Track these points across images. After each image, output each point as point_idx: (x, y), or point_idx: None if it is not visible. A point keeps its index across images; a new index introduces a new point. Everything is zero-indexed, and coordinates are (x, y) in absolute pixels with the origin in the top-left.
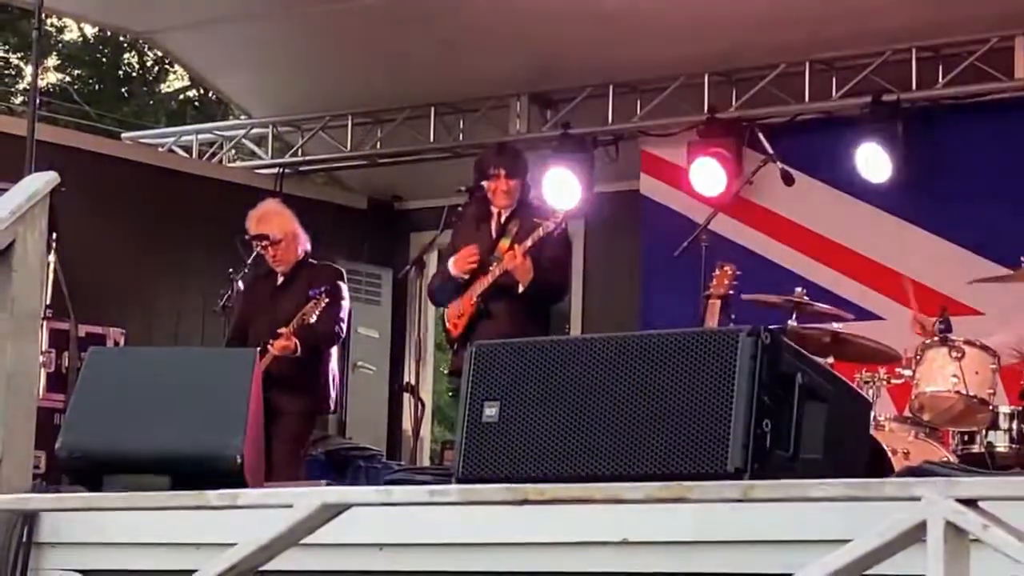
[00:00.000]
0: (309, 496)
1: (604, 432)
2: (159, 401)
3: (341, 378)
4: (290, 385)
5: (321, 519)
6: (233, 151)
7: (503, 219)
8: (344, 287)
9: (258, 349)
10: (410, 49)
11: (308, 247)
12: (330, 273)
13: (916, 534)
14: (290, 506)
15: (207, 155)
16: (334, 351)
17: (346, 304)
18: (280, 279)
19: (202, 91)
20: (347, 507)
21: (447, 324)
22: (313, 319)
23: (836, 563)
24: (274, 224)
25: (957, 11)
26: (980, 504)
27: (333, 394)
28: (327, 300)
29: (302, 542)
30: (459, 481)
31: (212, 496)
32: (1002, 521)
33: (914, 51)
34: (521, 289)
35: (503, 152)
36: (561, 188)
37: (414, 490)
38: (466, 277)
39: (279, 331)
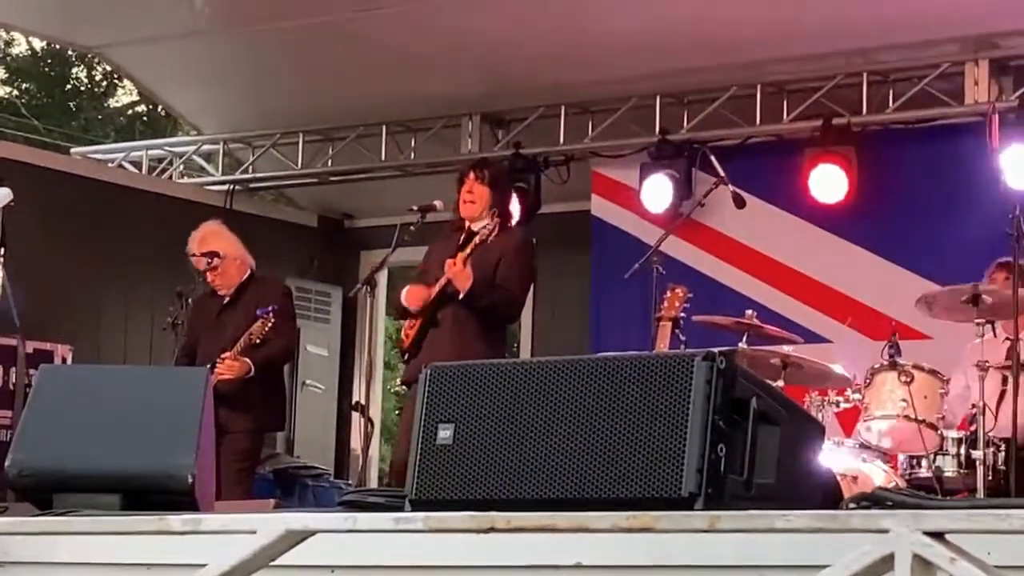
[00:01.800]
0: (272, 522)
1: (558, 455)
2: (110, 419)
3: (289, 396)
4: (239, 403)
5: (284, 546)
6: (183, 167)
7: (470, 232)
8: (291, 302)
9: (208, 367)
10: (362, 67)
11: (252, 265)
12: (277, 289)
13: (883, 567)
14: (253, 532)
15: (157, 171)
16: (280, 369)
17: (294, 319)
18: (226, 298)
19: (152, 106)
20: (311, 534)
21: (402, 335)
22: (259, 340)
23: None
24: (217, 244)
25: (908, 36)
26: (947, 537)
27: (283, 411)
28: (274, 320)
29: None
30: (413, 503)
31: (175, 521)
32: (969, 554)
33: (865, 75)
34: (461, 296)
35: (485, 161)
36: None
37: (379, 517)
38: (413, 311)
39: (223, 355)
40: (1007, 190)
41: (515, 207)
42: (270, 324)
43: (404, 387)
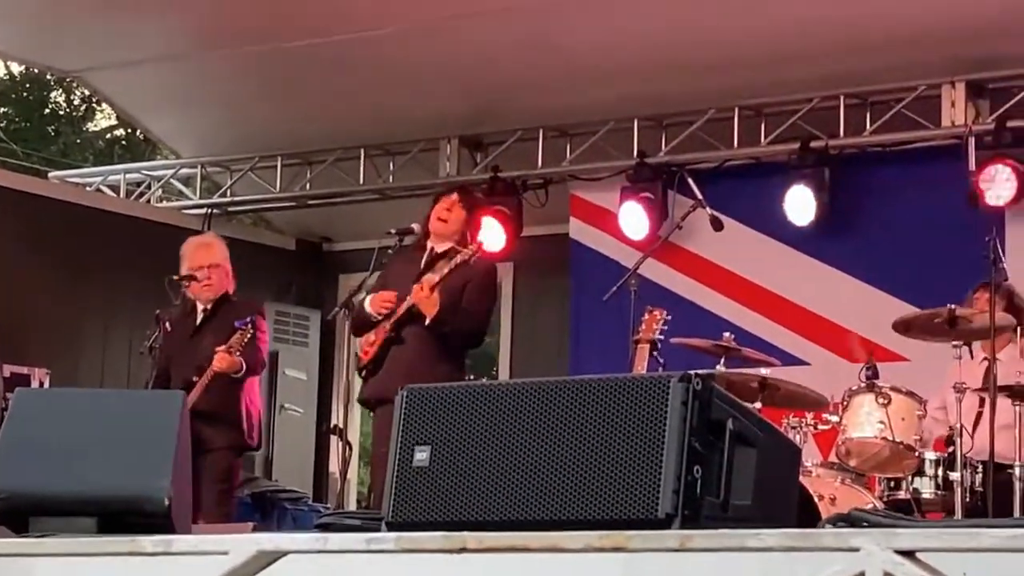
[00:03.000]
0: (244, 543)
1: (535, 477)
2: (86, 443)
3: (268, 419)
4: (216, 419)
5: (256, 566)
6: (161, 191)
7: (433, 256)
8: (265, 321)
9: (181, 390)
10: (340, 91)
11: (233, 285)
12: (251, 309)
13: None
14: (225, 553)
15: (135, 195)
16: (256, 386)
17: (267, 337)
18: (200, 316)
19: (130, 130)
20: (283, 555)
21: (359, 351)
22: (239, 352)
23: None
24: (216, 253)
25: (885, 59)
26: (918, 555)
27: (257, 428)
28: (252, 331)
29: None
30: (389, 525)
31: (147, 543)
32: (940, 572)
33: (842, 98)
34: (427, 322)
35: (470, 188)
36: (489, 231)
37: (351, 538)
38: (378, 318)
39: (217, 349)
40: (983, 212)
41: (498, 232)
42: (249, 335)
43: (365, 405)
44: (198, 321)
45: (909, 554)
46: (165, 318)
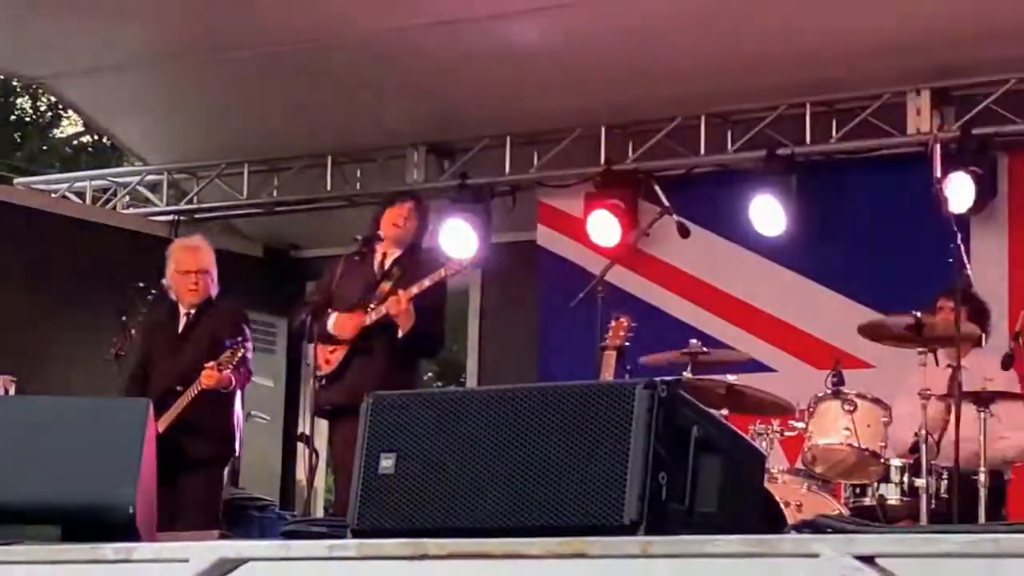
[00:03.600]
0: (206, 550)
1: (501, 484)
2: (51, 450)
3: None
4: (202, 431)
5: (217, 574)
6: (128, 198)
7: (388, 262)
8: (249, 327)
9: (162, 396)
10: (307, 98)
11: (218, 289)
12: (236, 317)
13: None
14: (186, 560)
15: (101, 202)
16: (239, 395)
17: (251, 344)
18: (183, 322)
19: (96, 137)
20: (244, 562)
21: (317, 360)
22: (229, 369)
23: None
24: (203, 258)
25: (850, 67)
26: (877, 560)
27: (239, 438)
28: (243, 351)
29: None
30: (355, 533)
31: (108, 550)
32: None
33: (808, 105)
34: (401, 334)
35: (415, 194)
36: (458, 238)
37: (312, 544)
38: (345, 340)
39: (206, 365)
40: (948, 219)
41: (471, 238)
42: (239, 354)
43: (322, 415)
44: (181, 326)
45: (868, 559)
46: (132, 325)
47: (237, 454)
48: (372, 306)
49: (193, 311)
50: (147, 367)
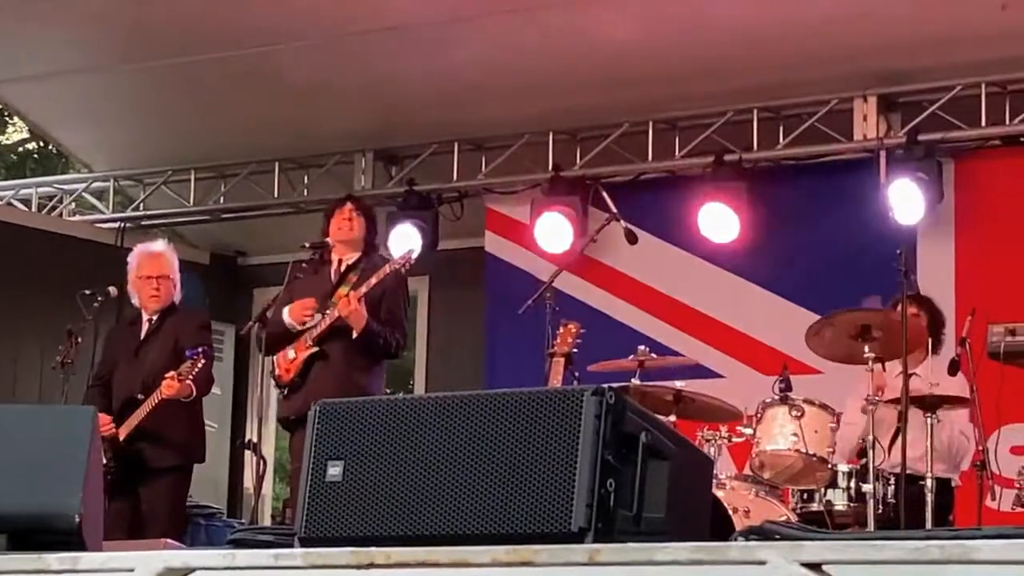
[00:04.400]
0: (151, 560)
1: (448, 492)
2: None
3: None
4: (163, 439)
5: None
6: (74, 205)
7: (343, 268)
8: (210, 334)
9: (123, 404)
10: (254, 104)
11: (180, 295)
12: (199, 323)
13: None
14: (131, 570)
15: (47, 209)
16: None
17: (213, 353)
18: (145, 327)
19: (42, 144)
20: (190, 571)
21: (277, 370)
22: (190, 379)
23: None
24: (164, 264)
25: (797, 73)
26: (824, 568)
27: (204, 443)
28: (204, 361)
29: None
30: (302, 541)
31: (53, 560)
32: None
33: (755, 112)
34: (355, 335)
35: (351, 196)
36: (405, 244)
37: (258, 553)
38: (300, 327)
39: (166, 376)
40: (895, 225)
41: (417, 244)
42: (200, 364)
43: (283, 426)
44: (143, 332)
45: (815, 567)
46: (78, 333)
47: (203, 462)
48: (327, 312)
49: (155, 317)
50: (110, 374)
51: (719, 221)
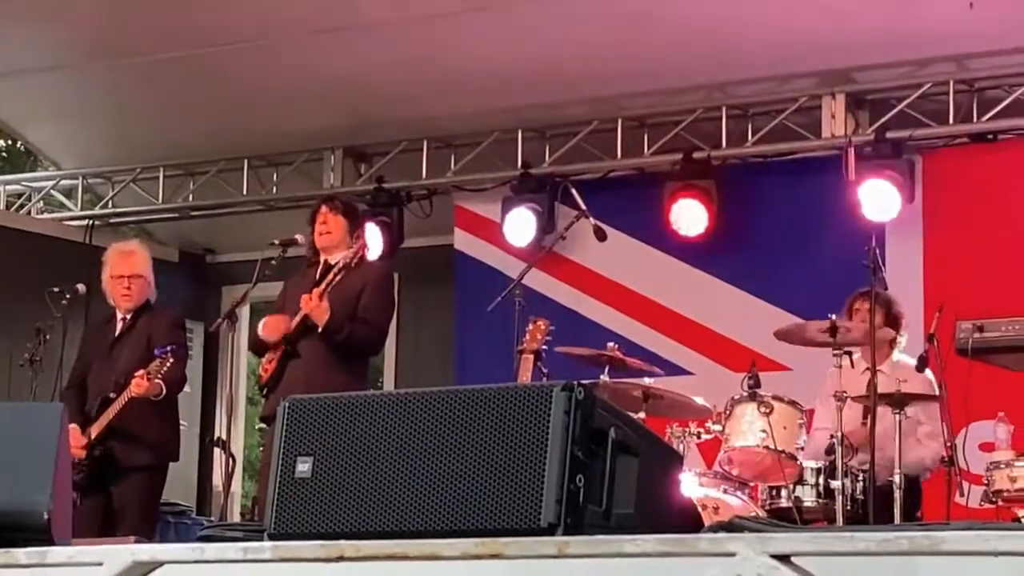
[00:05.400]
0: (120, 554)
1: (418, 487)
2: None
3: None
4: (134, 438)
5: None
6: (42, 203)
7: (327, 267)
8: (184, 333)
9: (97, 404)
10: (223, 101)
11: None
12: (170, 320)
13: None
14: (100, 564)
15: (15, 206)
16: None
17: (187, 349)
18: (119, 326)
19: (10, 141)
20: (159, 565)
21: (260, 370)
22: (159, 378)
23: None
24: (138, 263)
25: (766, 70)
26: (793, 559)
27: (178, 441)
28: (172, 360)
29: None
30: (271, 537)
31: (21, 554)
32: None
33: (724, 109)
34: (320, 329)
35: (337, 196)
36: (374, 242)
37: (227, 547)
38: (272, 341)
39: (136, 374)
40: (863, 222)
41: (378, 241)
42: (168, 364)
43: (264, 424)
44: (117, 331)
45: (784, 558)
46: (46, 331)
47: (177, 460)
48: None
49: (129, 316)
50: (86, 371)
51: (688, 218)
